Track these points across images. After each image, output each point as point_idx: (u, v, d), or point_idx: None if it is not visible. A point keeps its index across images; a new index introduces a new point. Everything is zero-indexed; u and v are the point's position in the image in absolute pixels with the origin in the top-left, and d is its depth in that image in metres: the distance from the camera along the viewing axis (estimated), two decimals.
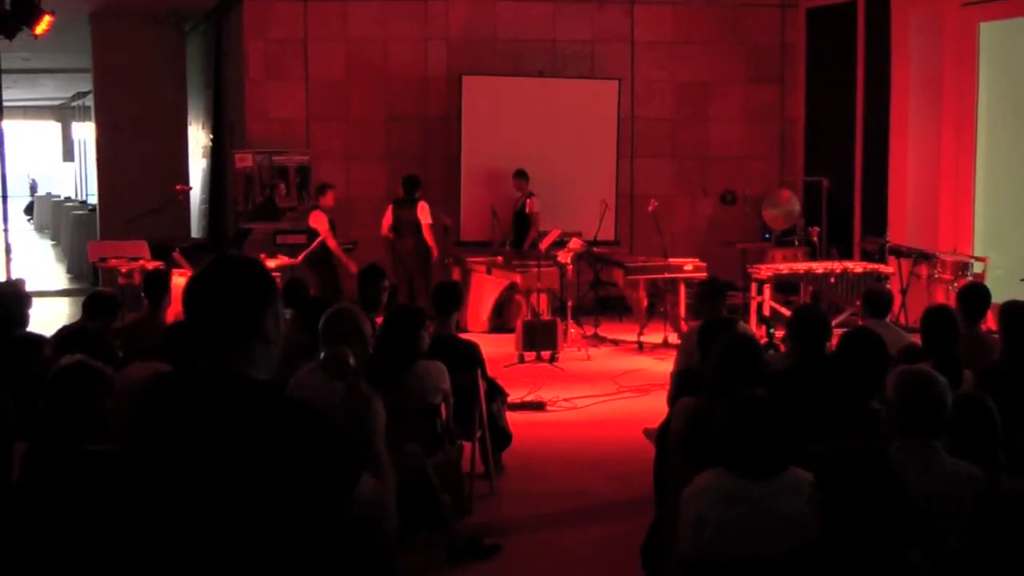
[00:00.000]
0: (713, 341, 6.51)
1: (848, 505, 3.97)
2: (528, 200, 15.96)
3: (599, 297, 16.06)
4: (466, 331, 14.32)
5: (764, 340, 9.42)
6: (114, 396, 5.24)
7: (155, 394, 3.22)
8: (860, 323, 8.93)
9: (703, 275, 14.04)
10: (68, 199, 36.23)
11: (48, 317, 10.75)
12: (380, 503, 3.28)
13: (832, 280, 14.02)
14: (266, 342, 3.19)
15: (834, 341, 6.88)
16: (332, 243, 14.75)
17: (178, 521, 3.04)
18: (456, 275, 15.56)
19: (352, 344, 6.74)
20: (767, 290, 14.08)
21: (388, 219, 15.28)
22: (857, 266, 14.44)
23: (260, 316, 3.18)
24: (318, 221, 14.85)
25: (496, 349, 13.19)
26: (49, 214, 36.01)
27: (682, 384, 7.43)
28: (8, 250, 14.75)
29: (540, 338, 13.61)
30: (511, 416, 9.61)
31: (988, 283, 10.86)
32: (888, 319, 8.97)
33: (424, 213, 15.24)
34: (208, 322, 3.16)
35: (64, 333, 8.15)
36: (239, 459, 2.99)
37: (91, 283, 16.93)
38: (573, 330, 14.56)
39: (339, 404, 6.41)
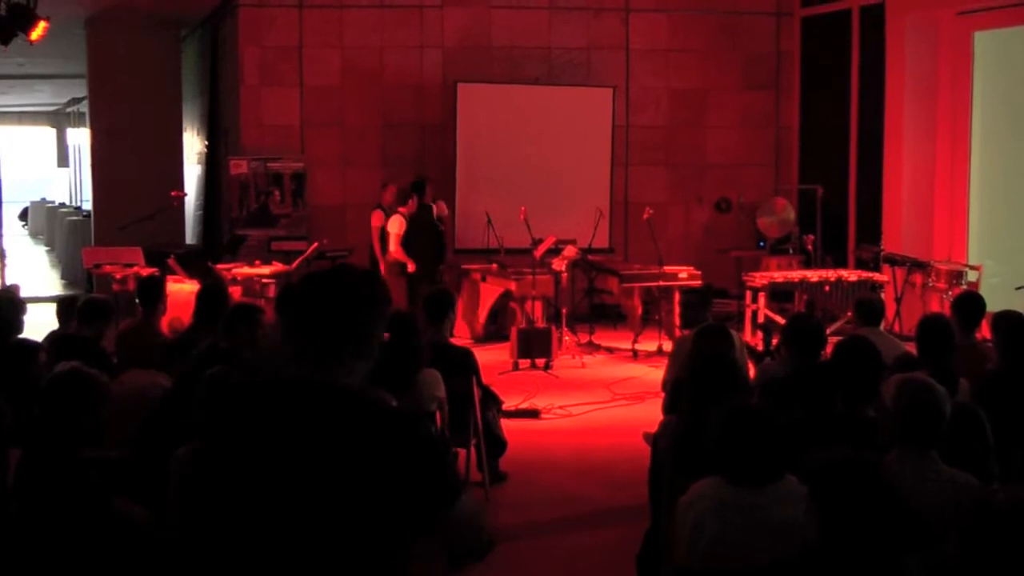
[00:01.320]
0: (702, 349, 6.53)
1: (842, 515, 3.97)
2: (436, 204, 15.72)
3: (594, 305, 16.06)
4: (460, 338, 14.31)
5: (761, 347, 9.44)
6: (109, 403, 5.23)
7: (258, 400, 3.19)
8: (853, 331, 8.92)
9: (698, 283, 14.05)
10: (63, 205, 36.18)
11: (42, 323, 10.69)
12: (476, 525, 3.29)
13: (827, 288, 14.03)
14: (367, 360, 3.18)
15: (829, 349, 6.89)
16: (398, 250, 14.84)
17: (269, 527, 3.03)
18: (451, 282, 15.56)
19: None
20: (762, 298, 14.08)
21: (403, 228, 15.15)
22: (851, 274, 14.45)
23: (369, 336, 3.17)
24: (394, 224, 14.87)
25: (491, 356, 13.22)
26: (44, 220, 35.98)
27: (677, 392, 7.42)
28: (2, 256, 14.73)
29: (535, 345, 13.61)
30: (506, 423, 9.60)
31: (983, 292, 10.84)
32: (882, 327, 8.98)
33: (442, 208, 15.36)
34: (318, 331, 3.14)
35: (56, 339, 8.15)
36: (343, 467, 3.00)
37: (85, 289, 16.92)
38: (568, 338, 14.55)
39: None
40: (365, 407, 3.10)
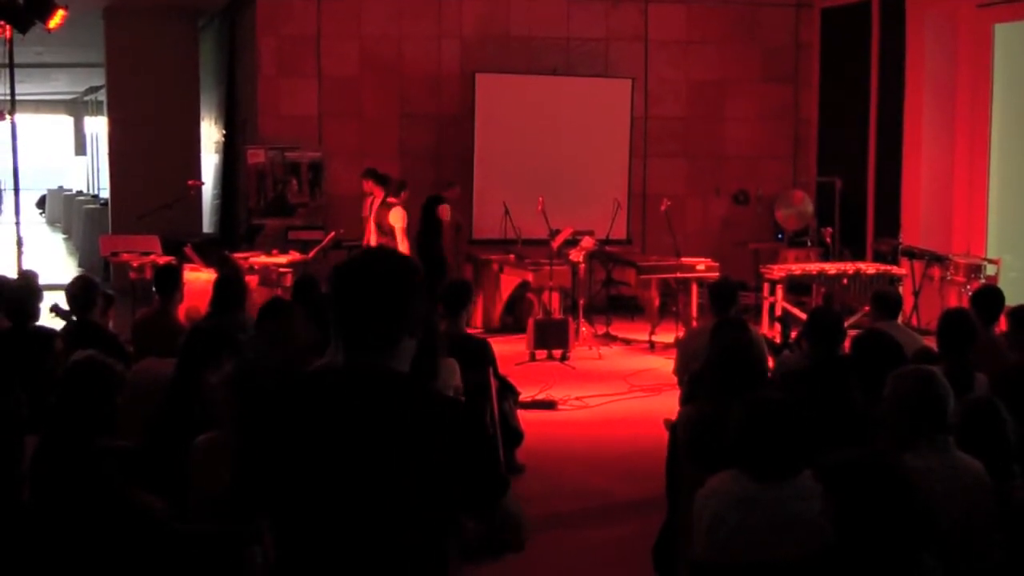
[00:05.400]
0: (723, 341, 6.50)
1: (859, 513, 3.94)
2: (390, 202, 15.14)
3: (611, 296, 16.03)
4: (477, 328, 14.32)
5: (779, 340, 9.40)
6: (125, 392, 5.22)
7: (309, 392, 3.22)
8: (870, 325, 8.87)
9: (715, 275, 14.01)
10: (80, 193, 36.24)
11: None
12: (521, 519, 3.34)
13: (845, 281, 13.98)
14: (409, 341, 3.21)
15: (847, 343, 6.84)
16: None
17: (330, 516, 3.06)
18: (468, 273, 15.55)
19: None
20: (779, 291, 14.04)
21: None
22: (870, 267, 14.40)
23: (411, 317, 3.20)
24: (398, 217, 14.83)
25: (508, 347, 13.19)
26: (61, 208, 36.04)
27: (696, 384, 7.38)
28: (20, 243, 14.72)
29: (552, 337, 13.59)
30: (522, 414, 9.58)
31: (1001, 286, 10.79)
32: (899, 321, 8.93)
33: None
34: (362, 320, 3.16)
35: (72, 328, 8.15)
36: (401, 455, 3.03)
37: (102, 277, 16.92)
38: (584, 329, 14.53)
39: None
40: (422, 395, 3.15)
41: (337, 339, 3.19)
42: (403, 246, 14.43)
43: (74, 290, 8.42)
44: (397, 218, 14.72)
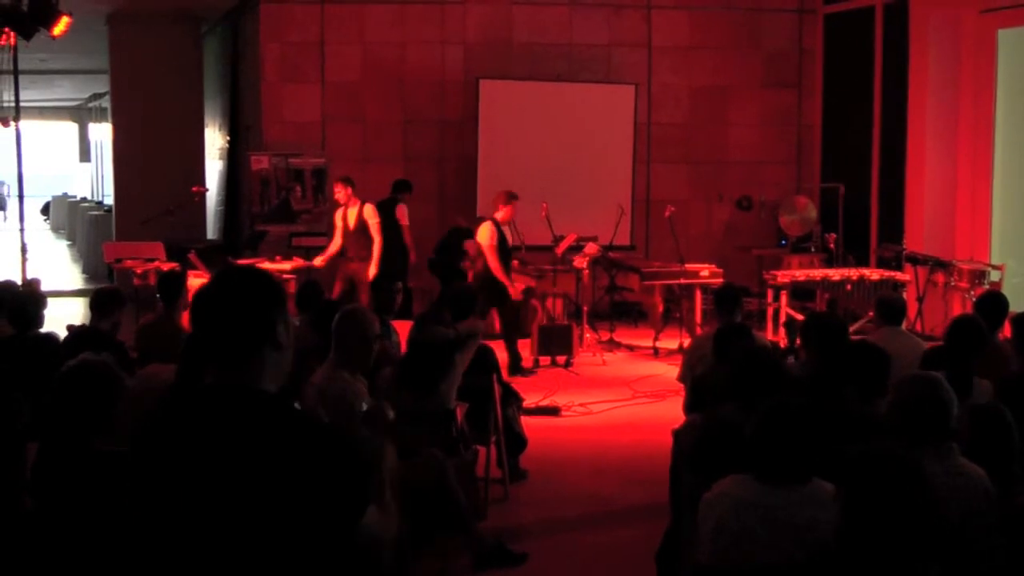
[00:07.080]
0: (730, 349, 6.46)
1: (876, 509, 3.91)
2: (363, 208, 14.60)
3: (615, 302, 16.01)
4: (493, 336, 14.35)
5: (785, 345, 9.40)
6: (127, 395, 5.22)
7: (165, 411, 3.17)
8: (874, 330, 8.85)
9: (719, 281, 14.00)
10: (84, 200, 36.28)
11: (63, 317, 10.71)
12: (381, 536, 3.23)
13: (848, 287, 13.97)
14: (278, 351, 3.12)
15: None
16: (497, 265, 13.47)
17: (181, 539, 2.98)
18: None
19: (362, 344, 6.77)
20: (784, 296, 14.03)
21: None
22: (874, 273, 14.38)
23: (270, 328, 3.11)
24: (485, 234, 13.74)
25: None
26: (65, 215, 36.08)
27: (698, 391, 7.38)
28: (24, 250, 14.73)
29: (556, 343, 13.58)
30: (526, 421, 9.58)
31: (1005, 291, 10.76)
32: (903, 327, 8.91)
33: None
34: (218, 337, 3.10)
35: (75, 333, 8.17)
36: (253, 478, 2.92)
37: (107, 284, 16.93)
38: (588, 335, 14.53)
39: (354, 407, 6.43)
40: (281, 415, 3.04)
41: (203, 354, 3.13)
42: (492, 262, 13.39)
43: (99, 297, 8.49)
44: (485, 235, 13.53)
